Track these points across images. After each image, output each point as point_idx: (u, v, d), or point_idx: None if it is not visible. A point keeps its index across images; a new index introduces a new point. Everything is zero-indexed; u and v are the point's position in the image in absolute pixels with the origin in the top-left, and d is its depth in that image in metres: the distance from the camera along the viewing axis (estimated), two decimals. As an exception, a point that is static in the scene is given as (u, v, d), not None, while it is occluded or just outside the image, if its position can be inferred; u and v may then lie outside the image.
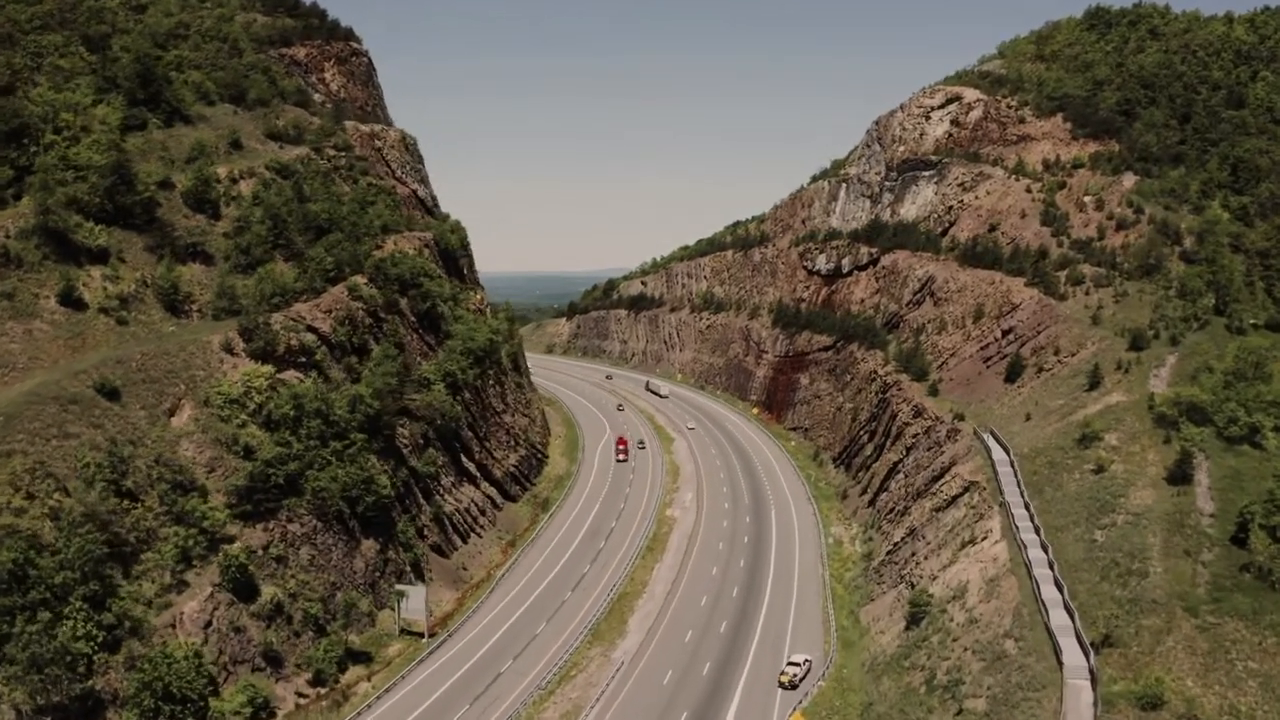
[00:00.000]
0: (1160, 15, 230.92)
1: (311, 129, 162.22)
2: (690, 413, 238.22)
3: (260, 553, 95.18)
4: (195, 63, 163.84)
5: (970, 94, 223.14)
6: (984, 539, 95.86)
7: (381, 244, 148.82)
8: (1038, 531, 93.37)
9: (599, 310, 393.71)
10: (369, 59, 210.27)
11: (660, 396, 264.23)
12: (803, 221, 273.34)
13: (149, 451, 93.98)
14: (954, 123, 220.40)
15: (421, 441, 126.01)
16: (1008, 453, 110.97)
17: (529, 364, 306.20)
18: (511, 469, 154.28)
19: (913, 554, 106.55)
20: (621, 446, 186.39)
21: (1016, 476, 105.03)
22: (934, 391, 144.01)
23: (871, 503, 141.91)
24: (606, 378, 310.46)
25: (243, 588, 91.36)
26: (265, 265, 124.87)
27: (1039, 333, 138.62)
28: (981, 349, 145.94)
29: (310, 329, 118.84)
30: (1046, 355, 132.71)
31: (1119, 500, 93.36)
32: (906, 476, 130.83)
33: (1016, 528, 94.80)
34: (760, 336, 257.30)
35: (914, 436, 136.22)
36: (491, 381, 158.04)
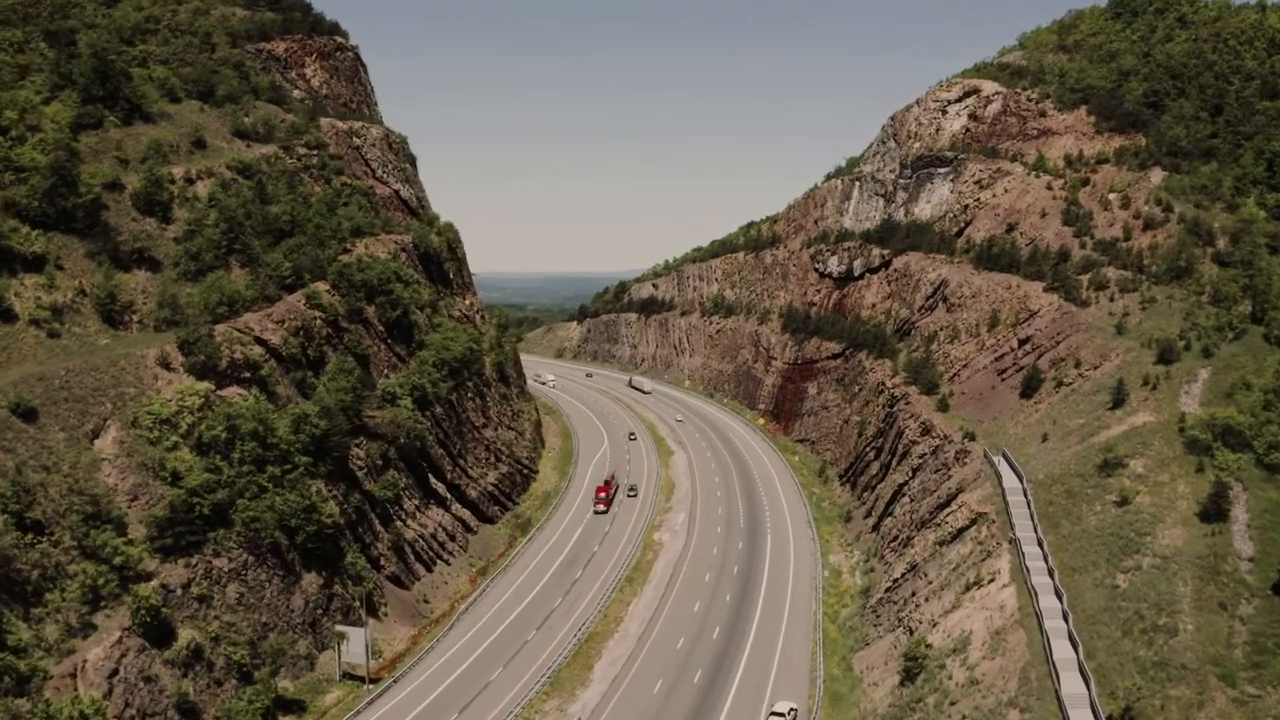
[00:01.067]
0: (1189, 2, 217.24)
1: (282, 126, 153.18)
2: (694, 423, 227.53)
3: (179, 592, 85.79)
4: (162, 58, 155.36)
5: (989, 87, 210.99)
6: (991, 581, 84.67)
7: (351, 247, 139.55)
8: (1051, 575, 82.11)
9: (609, 314, 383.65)
10: (355, 54, 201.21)
11: (643, 393, 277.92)
12: (815, 222, 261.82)
13: (63, 479, 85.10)
14: (971, 117, 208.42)
15: (380, 462, 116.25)
16: (1021, 480, 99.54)
17: (539, 368, 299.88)
18: (490, 488, 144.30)
19: (913, 594, 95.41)
20: (601, 495, 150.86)
21: (1029, 508, 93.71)
22: (944, 406, 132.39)
23: (875, 527, 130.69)
24: (586, 375, 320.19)
25: (156, 631, 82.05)
26: (215, 272, 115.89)
27: (1058, 343, 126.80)
28: (996, 360, 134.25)
29: (258, 341, 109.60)
30: (1066, 368, 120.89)
31: (1145, 539, 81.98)
32: (912, 501, 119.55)
33: (1027, 569, 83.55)
34: (770, 342, 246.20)
35: (921, 457, 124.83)
36: (470, 394, 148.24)
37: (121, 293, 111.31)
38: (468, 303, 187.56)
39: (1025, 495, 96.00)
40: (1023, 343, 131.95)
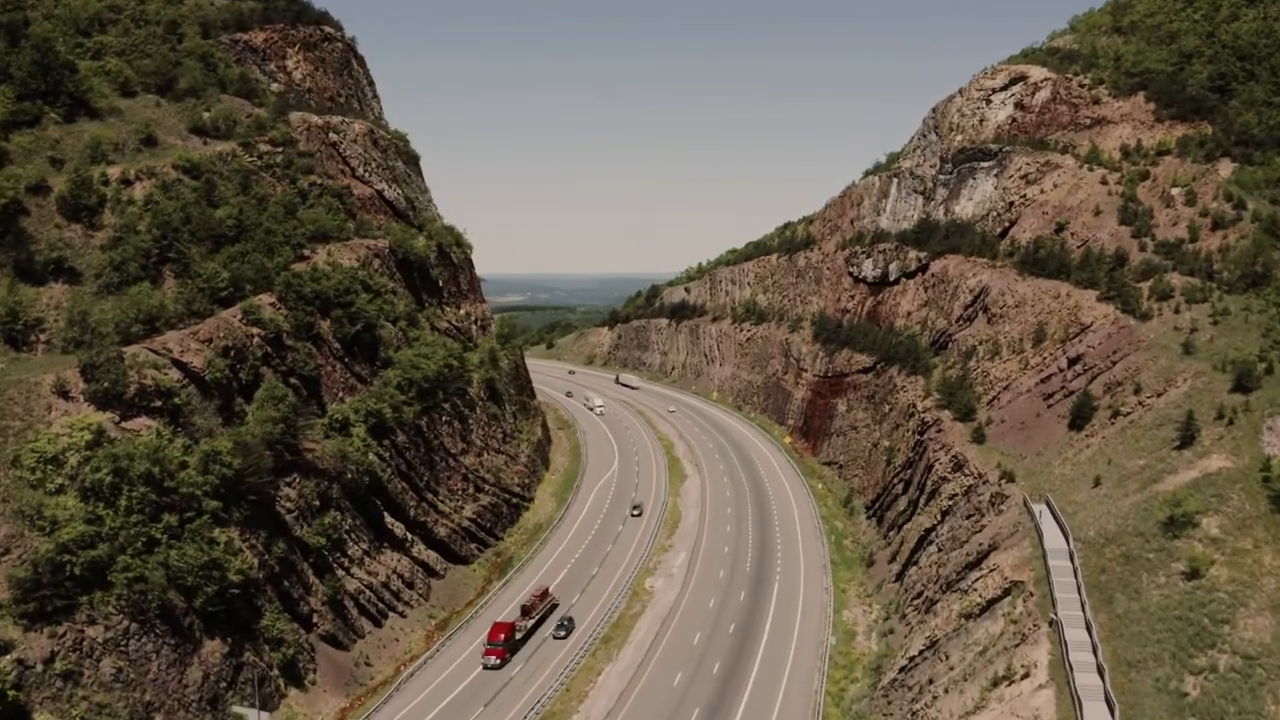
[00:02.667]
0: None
1: (245, 122, 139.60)
2: (714, 440, 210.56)
3: (40, 668, 71.62)
4: (119, 49, 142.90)
5: (1037, 73, 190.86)
6: (1024, 678, 67.03)
7: (309, 254, 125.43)
8: (1101, 673, 64.29)
9: (640, 319, 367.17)
10: (347, 45, 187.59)
11: (631, 389, 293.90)
12: (851, 222, 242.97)
13: (-86, 532, 71.73)
14: (1018, 106, 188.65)
15: (318, 503, 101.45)
16: (1067, 538, 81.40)
17: (582, 386, 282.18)
18: (466, 523, 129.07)
19: (930, 681, 77.92)
20: (498, 638, 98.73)
21: (1076, 576, 75.75)
22: (980, 436, 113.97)
23: (899, 576, 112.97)
24: (569, 372, 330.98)
25: (8, 717, 68.26)
26: (139, 284, 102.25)
27: (1114, 363, 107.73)
28: (1041, 381, 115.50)
29: (176, 364, 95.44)
30: (1124, 394, 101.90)
31: (1222, 628, 63.87)
32: (940, 551, 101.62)
33: (1071, 665, 65.77)
34: (800, 352, 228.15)
35: (951, 498, 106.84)
36: (446, 417, 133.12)
37: (29, 309, 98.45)
38: (464, 312, 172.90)
39: (1071, 559, 77.94)
40: (1073, 362, 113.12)
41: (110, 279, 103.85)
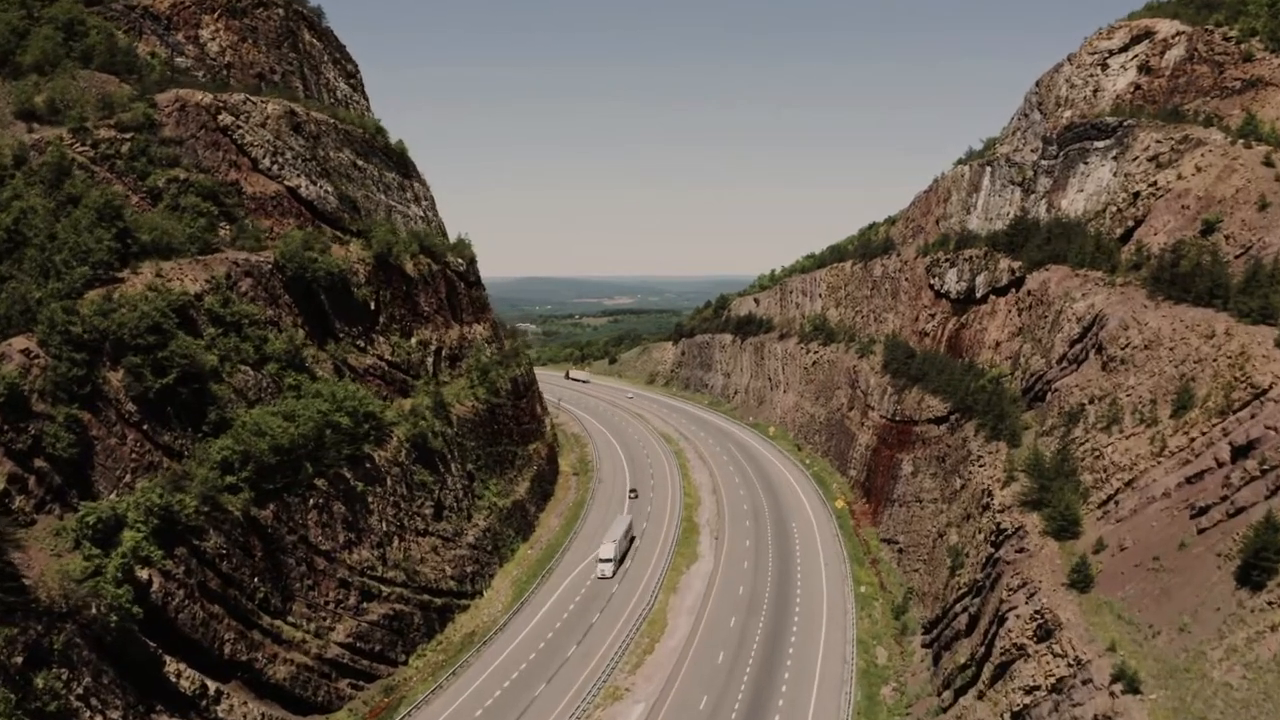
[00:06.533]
0: None
1: (81, 102, 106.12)
2: (751, 497, 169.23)
3: None
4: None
5: (1166, 27, 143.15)
6: None
7: (124, 276, 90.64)
8: None
9: (706, 333, 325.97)
10: (293, 12, 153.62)
11: (581, 382, 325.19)
12: (936, 222, 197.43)
13: None
14: (1143, 69, 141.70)
15: (21, 659, 65.53)
16: None
17: (632, 427, 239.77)
18: (336, 651, 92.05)
19: None
20: None
21: None
22: (1084, 577, 70.13)
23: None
24: (565, 375, 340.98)
25: None
26: None
27: (1318, 459, 63.24)
28: (1188, 482, 71.33)
29: None
30: (1341, 521, 57.63)
31: None
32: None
33: None
34: (868, 384, 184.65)
35: (1030, 692, 64.16)
36: (315, 500, 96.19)
37: None
38: (415, 342, 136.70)
39: None
40: (1240, 452, 68.52)
41: None
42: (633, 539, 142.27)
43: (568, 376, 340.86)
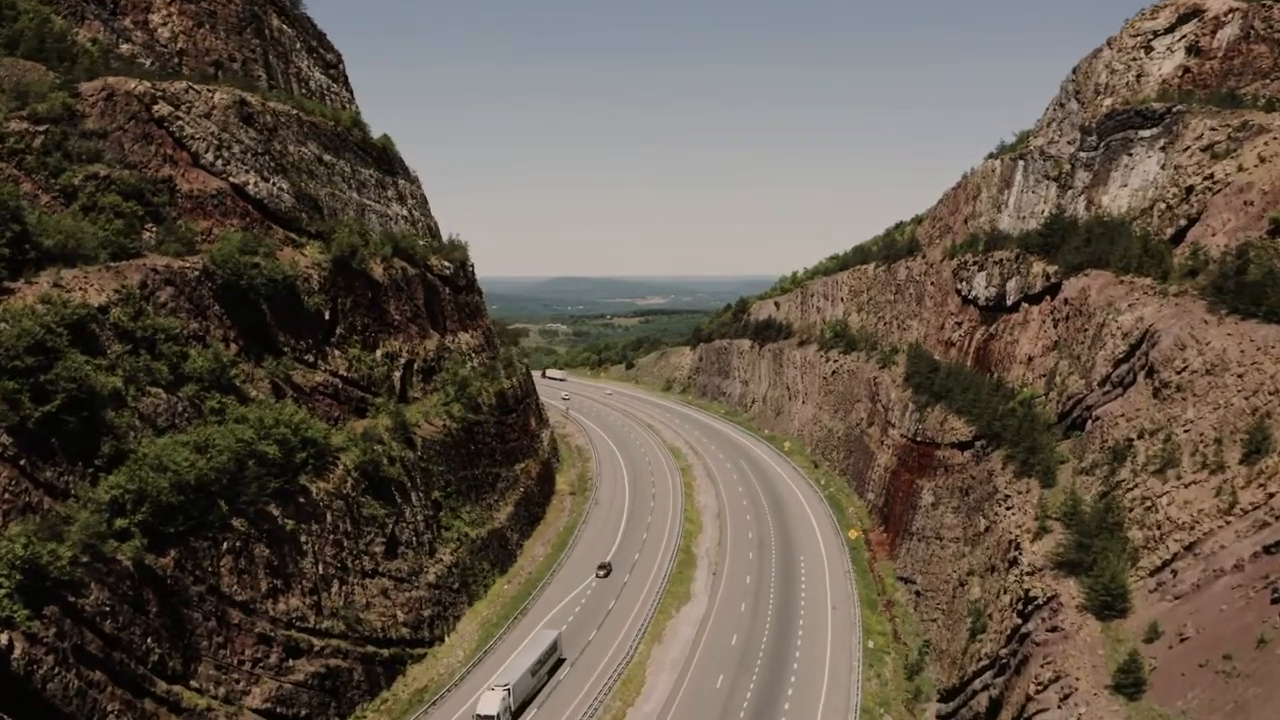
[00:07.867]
0: None
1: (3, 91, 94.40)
2: (758, 523, 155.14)
3: None
4: None
5: (1218, 3, 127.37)
6: None
7: (15, 287, 78.53)
8: None
9: (724, 339, 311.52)
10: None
11: (559, 380, 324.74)
12: (965, 221, 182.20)
13: None
14: (1192, 51, 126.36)
15: None
16: None
17: (648, 461, 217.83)
18: (253, 715, 79.28)
19: None
20: None
21: None
22: (1135, 678, 55.22)
23: None
24: (543, 374, 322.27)
25: None
26: None
27: None
28: (1265, 551, 56.62)
29: None
30: None
31: None
32: None
33: None
34: (889, 398, 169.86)
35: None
36: (231, 543, 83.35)
37: None
38: (380, 355, 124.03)
39: None
40: (1337, 512, 53.86)
41: None
42: (560, 662, 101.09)
43: (544, 375, 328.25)
